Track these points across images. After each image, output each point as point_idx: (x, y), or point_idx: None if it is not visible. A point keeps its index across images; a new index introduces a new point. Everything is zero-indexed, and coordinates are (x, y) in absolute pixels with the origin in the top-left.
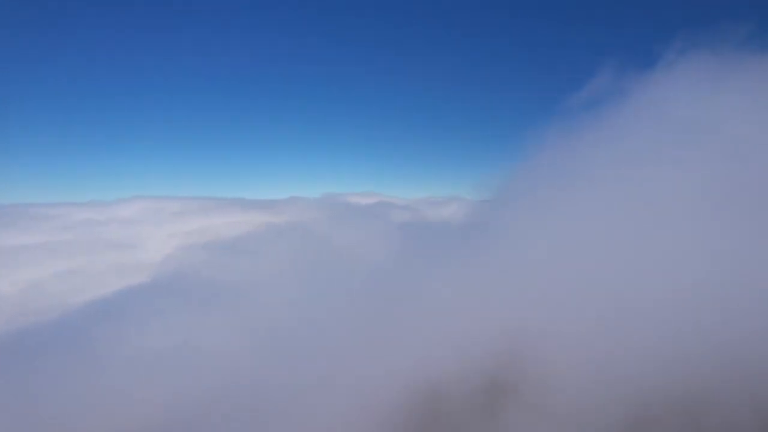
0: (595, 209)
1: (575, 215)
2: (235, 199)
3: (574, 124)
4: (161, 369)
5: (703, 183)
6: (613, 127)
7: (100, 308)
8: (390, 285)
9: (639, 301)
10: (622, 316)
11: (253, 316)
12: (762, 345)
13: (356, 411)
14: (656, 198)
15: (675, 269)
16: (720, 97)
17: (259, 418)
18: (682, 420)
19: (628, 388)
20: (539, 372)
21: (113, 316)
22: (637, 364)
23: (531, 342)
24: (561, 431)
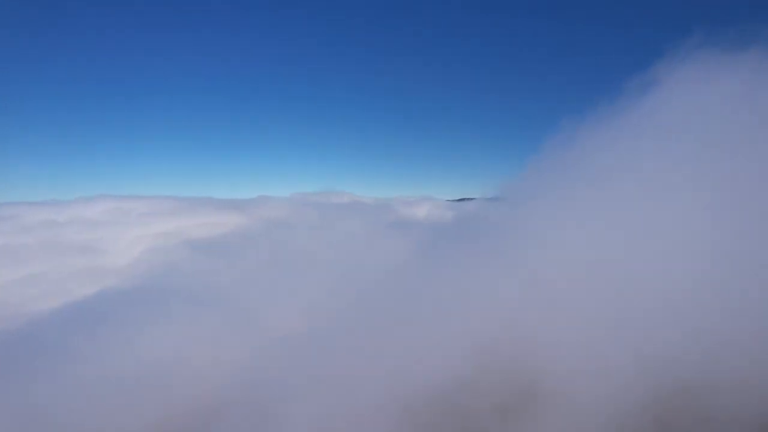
0: (601, 210)
1: (580, 216)
2: (203, 198)
3: (573, 123)
4: (149, 377)
5: (711, 184)
6: (615, 128)
7: (71, 316)
8: (387, 284)
9: (645, 302)
10: (629, 317)
11: (243, 318)
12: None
13: (357, 413)
14: (660, 199)
15: (683, 270)
16: (731, 98)
17: (258, 423)
18: (686, 419)
19: (633, 391)
20: (543, 373)
21: (88, 325)
22: (644, 366)
23: (535, 344)
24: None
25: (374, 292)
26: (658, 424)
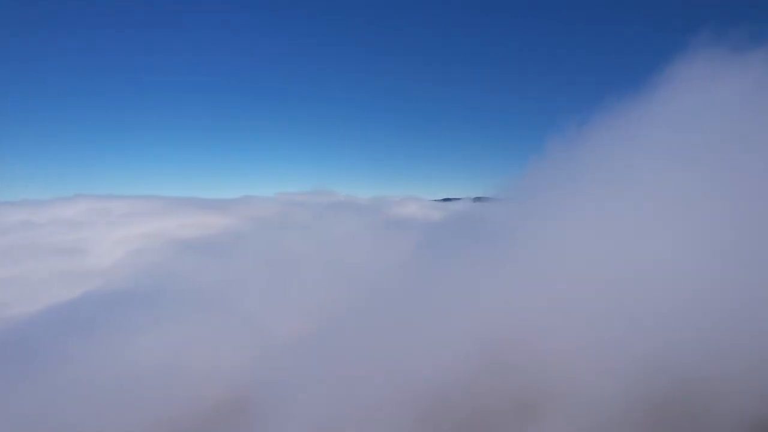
0: (602, 210)
1: (580, 216)
2: (187, 198)
3: (573, 124)
4: (142, 380)
5: (713, 185)
6: (617, 128)
7: (57, 319)
8: (386, 284)
9: (646, 302)
10: (630, 317)
11: (239, 320)
12: None
13: (357, 414)
14: (662, 199)
15: (684, 270)
16: (738, 98)
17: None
18: (687, 419)
19: (634, 391)
20: (544, 373)
21: (74, 328)
22: (644, 367)
23: (536, 344)
24: None
25: (374, 292)
26: (658, 424)
